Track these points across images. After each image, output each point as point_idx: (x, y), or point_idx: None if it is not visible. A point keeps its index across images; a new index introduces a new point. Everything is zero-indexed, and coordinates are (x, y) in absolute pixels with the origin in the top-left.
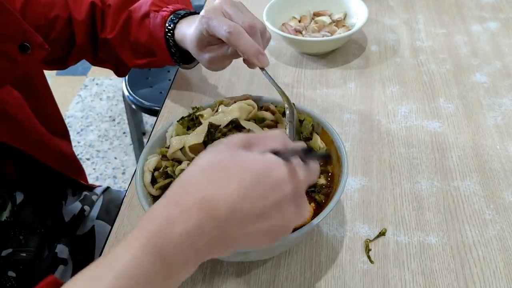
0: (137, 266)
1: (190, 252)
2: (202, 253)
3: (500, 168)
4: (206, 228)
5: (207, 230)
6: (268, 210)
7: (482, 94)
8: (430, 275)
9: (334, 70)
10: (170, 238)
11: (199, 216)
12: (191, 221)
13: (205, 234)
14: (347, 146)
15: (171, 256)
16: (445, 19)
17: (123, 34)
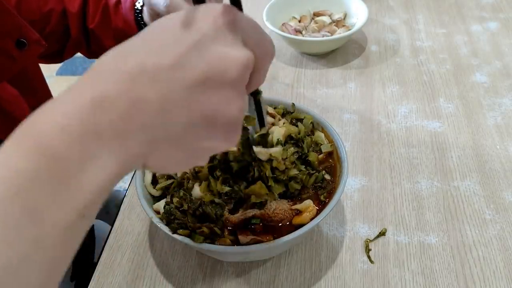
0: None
1: (87, 137)
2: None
3: (500, 168)
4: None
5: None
6: (184, 56)
7: (482, 94)
8: (430, 275)
9: (334, 70)
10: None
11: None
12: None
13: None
14: (347, 146)
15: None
16: (445, 19)
17: (104, 22)
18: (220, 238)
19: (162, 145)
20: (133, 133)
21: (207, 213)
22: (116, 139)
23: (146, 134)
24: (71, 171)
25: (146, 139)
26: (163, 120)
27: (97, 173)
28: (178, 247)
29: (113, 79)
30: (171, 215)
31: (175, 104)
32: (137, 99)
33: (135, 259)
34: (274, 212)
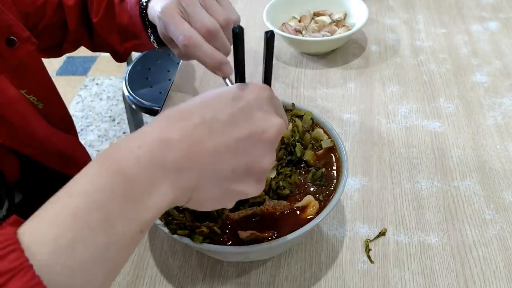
0: (91, 181)
1: (155, 167)
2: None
3: (500, 168)
4: (171, 140)
5: (172, 142)
6: (235, 116)
7: (482, 94)
8: (430, 275)
9: (334, 70)
10: (129, 151)
11: (161, 128)
12: (153, 134)
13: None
14: (347, 146)
15: (131, 169)
16: (445, 19)
17: (108, 17)
18: (219, 238)
19: (209, 183)
20: (190, 169)
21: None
22: (176, 172)
23: (199, 172)
24: (140, 193)
25: (198, 176)
26: (214, 162)
27: (158, 198)
28: (178, 247)
29: (178, 126)
30: (169, 216)
31: (225, 151)
32: (196, 143)
33: (135, 259)
34: (274, 207)
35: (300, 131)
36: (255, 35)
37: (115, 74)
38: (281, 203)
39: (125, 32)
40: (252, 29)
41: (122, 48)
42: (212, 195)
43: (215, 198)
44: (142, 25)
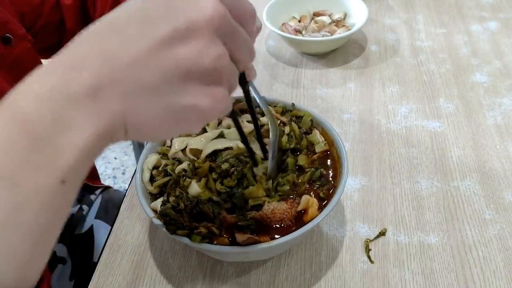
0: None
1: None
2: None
3: (500, 168)
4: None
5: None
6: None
7: (482, 94)
8: (430, 275)
9: (334, 70)
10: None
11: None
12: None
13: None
14: (347, 146)
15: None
16: (445, 19)
17: None
18: (218, 238)
19: (138, 100)
20: (106, 89)
21: (204, 211)
22: (89, 97)
23: (119, 88)
24: (45, 135)
25: (119, 92)
26: (136, 74)
27: (74, 135)
28: (178, 247)
29: (86, 44)
30: (166, 216)
31: (146, 57)
32: (108, 57)
33: (135, 259)
34: (273, 212)
35: (297, 136)
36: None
37: None
38: (280, 207)
39: None
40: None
41: None
42: (152, 115)
43: (159, 119)
44: None
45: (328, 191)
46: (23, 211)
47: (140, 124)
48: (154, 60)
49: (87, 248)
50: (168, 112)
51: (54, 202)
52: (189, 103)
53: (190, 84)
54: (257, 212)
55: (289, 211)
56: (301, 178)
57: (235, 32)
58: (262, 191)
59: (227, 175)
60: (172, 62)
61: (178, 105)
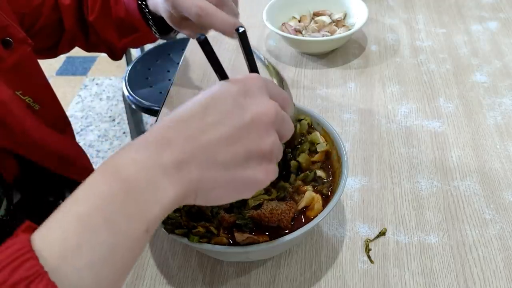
0: (93, 187)
1: (152, 166)
2: (172, 168)
3: (500, 168)
4: (167, 139)
5: (168, 141)
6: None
7: (482, 93)
8: (430, 275)
9: (334, 70)
10: (127, 155)
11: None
12: (150, 137)
13: (166, 145)
14: (347, 146)
15: (129, 171)
16: (445, 18)
17: (104, 14)
18: (216, 237)
19: (211, 173)
20: (187, 163)
21: (202, 210)
22: (174, 168)
23: (197, 164)
24: (140, 192)
25: (197, 167)
26: (210, 153)
27: (160, 195)
28: (178, 247)
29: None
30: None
31: (219, 140)
32: (190, 138)
33: None
34: (271, 212)
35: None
36: (255, 35)
37: (115, 74)
38: (278, 207)
39: (123, 26)
40: (252, 29)
41: (120, 43)
42: (218, 184)
43: (223, 187)
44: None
45: (328, 189)
46: (117, 252)
47: (208, 191)
48: (225, 143)
49: None
50: (232, 182)
51: (137, 246)
52: (249, 176)
53: (251, 162)
54: (255, 211)
55: (287, 213)
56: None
57: (284, 120)
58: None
59: None
60: (240, 146)
61: (241, 177)
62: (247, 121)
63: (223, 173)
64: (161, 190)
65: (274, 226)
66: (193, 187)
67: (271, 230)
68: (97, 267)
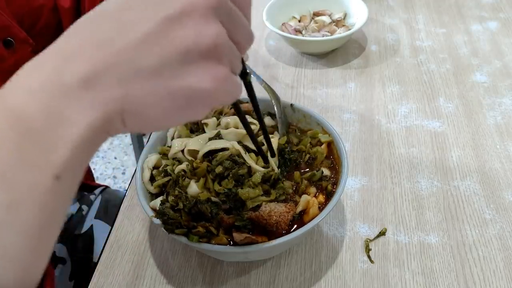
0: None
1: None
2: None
3: (500, 168)
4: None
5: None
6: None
7: (482, 93)
8: (430, 275)
9: (334, 70)
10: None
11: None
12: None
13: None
14: (347, 146)
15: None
16: (445, 18)
17: None
18: (216, 237)
19: (135, 85)
20: (99, 76)
21: (202, 211)
22: (82, 87)
23: (114, 74)
24: (37, 130)
25: (115, 79)
26: (131, 57)
27: (68, 128)
28: (178, 247)
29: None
30: (164, 215)
31: (142, 40)
32: (101, 43)
33: (135, 259)
34: (269, 214)
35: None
36: (255, 35)
37: None
38: (277, 209)
39: None
40: (252, 29)
41: None
42: (151, 101)
43: (159, 104)
44: None
45: (332, 186)
46: (19, 210)
47: (140, 111)
48: (151, 43)
49: (86, 248)
50: (169, 96)
51: (50, 199)
52: (190, 84)
53: (190, 65)
54: (253, 213)
55: (285, 215)
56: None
57: (233, 12)
58: (259, 190)
59: (224, 177)
60: (170, 44)
61: (179, 88)
62: (177, 8)
63: (154, 84)
64: (67, 121)
65: (272, 228)
66: (114, 107)
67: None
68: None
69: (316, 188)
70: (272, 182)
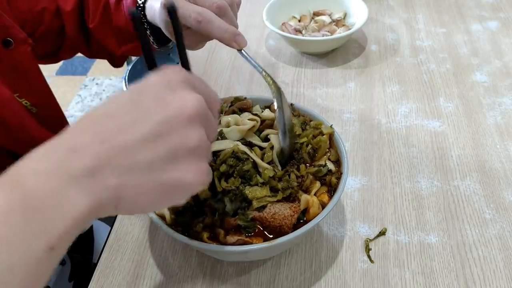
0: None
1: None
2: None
3: (500, 168)
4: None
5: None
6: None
7: (482, 93)
8: (430, 275)
9: (334, 70)
10: (27, 165)
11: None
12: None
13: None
14: (347, 145)
15: (29, 182)
16: (445, 18)
17: (104, 21)
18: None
19: (132, 178)
20: (103, 169)
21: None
22: (86, 176)
23: (115, 169)
24: (41, 206)
25: (116, 174)
26: (129, 156)
27: (70, 207)
28: (178, 247)
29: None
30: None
31: (138, 141)
32: (104, 141)
33: (135, 259)
34: (273, 216)
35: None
36: (255, 35)
37: (115, 74)
38: (282, 212)
39: (122, 35)
40: (252, 29)
41: (119, 51)
42: (143, 191)
43: (150, 193)
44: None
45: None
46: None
47: (132, 199)
48: (147, 142)
49: (86, 249)
50: (159, 186)
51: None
52: (177, 178)
53: (178, 162)
54: (258, 213)
55: (289, 219)
56: (308, 169)
57: (209, 118)
58: (266, 191)
59: (229, 175)
60: (163, 145)
61: (168, 180)
62: (168, 115)
63: (147, 176)
64: (68, 202)
65: (275, 230)
66: (111, 195)
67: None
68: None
69: (320, 182)
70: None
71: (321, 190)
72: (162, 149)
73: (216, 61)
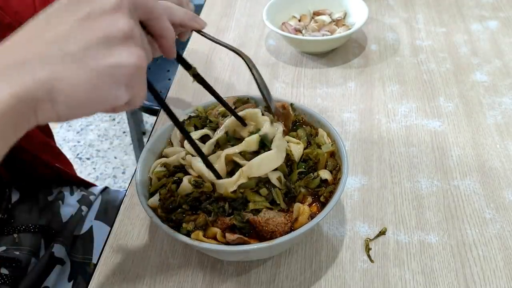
0: None
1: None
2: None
3: (500, 167)
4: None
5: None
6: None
7: (482, 93)
8: (430, 274)
9: (334, 69)
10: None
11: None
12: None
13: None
14: (347, 145)
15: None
16: (445, 18)
17: None
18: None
19: (63, 66)
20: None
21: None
22: (12, 68)
23: (43, 59)
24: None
25: (43, 62)
26: (59, 45)
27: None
28: (178, 247)
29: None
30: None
31: (68, 31)
32: (34, 36)
33: (135, 259)
34: (267, 221)
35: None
36: (255, 35)
37: None
38: (276, 218)
39: None
40: (252, 29)
41: None
42: (79, 82)
43: (85, 84)
44: None
45: (329, 194)
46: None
47: (68, 90)
48: (75, 33)
49: (86, 249)
50: (94, 74)
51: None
52: (113, 62)
53: (111, 47)
54: (252, 216)
55: (282, 226)
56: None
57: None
58: (266, 203)
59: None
60: (92, 32)
61: (104, 66)
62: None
63: (81, 65)
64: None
65: (266, 236)
66: (43, 87)
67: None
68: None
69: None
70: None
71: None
72: (93, 36)
73: (216, 61)
